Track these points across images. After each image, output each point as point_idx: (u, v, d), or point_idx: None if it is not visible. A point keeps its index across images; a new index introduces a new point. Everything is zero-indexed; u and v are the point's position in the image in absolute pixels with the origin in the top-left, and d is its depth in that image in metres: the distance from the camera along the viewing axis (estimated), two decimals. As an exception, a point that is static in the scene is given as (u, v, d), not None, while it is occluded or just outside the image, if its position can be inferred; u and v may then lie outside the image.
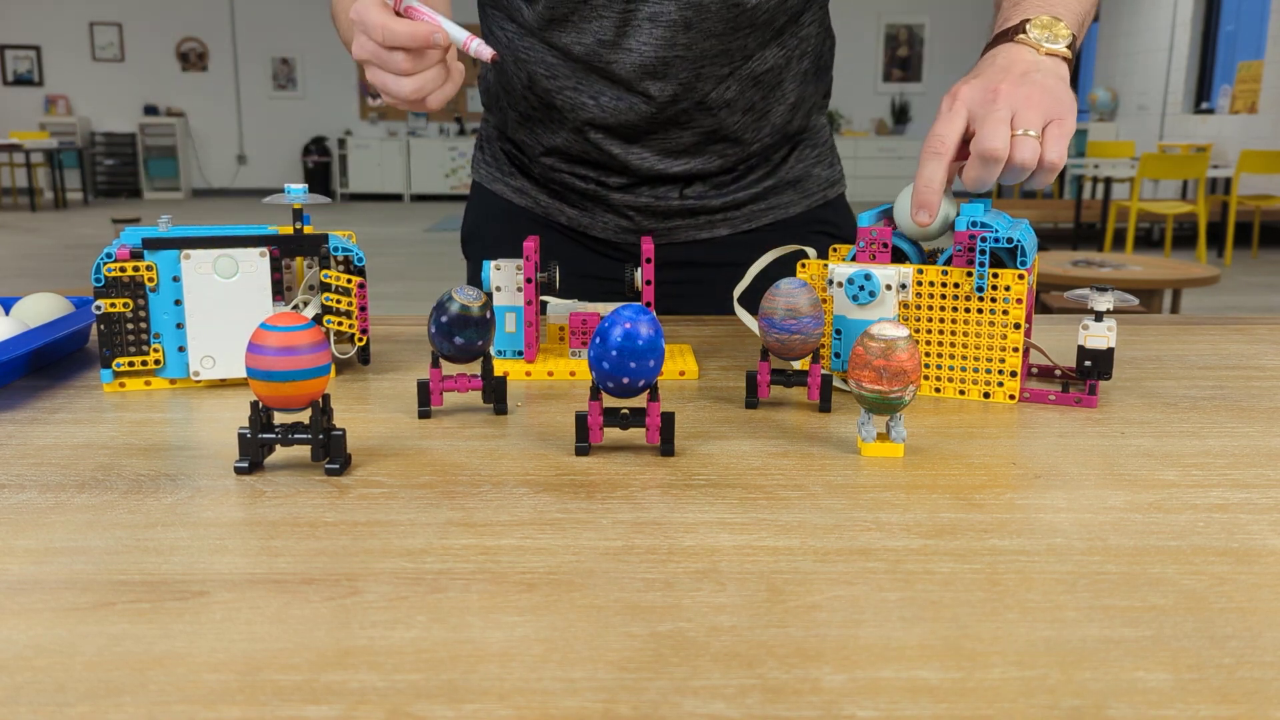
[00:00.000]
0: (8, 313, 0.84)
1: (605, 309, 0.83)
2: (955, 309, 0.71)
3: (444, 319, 0.65)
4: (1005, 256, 0.71)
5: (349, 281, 0.77)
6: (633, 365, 0.57)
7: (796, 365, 0.75)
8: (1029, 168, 0.69)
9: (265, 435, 0.57)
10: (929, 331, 0.72)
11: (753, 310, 1.05)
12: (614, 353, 0.57)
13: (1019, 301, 0.69)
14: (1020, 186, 10.88)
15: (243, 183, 12.41)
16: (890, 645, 0.39)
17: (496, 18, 1.01)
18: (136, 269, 0.72)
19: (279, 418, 0.64)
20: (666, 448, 0.61)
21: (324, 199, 0.80)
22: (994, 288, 0.70)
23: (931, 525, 0.50)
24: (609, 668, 0.38)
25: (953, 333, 0.71)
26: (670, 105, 0.95)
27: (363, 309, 0.78)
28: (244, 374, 0.74)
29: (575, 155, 1.02)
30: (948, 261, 0.72)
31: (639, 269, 0.80)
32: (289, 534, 0.49)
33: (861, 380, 0.59)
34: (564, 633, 0.40)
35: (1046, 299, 3.69)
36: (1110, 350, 0.71)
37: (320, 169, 12.12)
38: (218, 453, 0.61)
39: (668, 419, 0.60)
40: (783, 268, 1.04)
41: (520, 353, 0.80)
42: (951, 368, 0.72)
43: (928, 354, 0.72)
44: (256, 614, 0.41)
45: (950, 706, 0.35)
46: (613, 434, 0.64)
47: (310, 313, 0.78)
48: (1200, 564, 0.46)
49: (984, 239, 0.69)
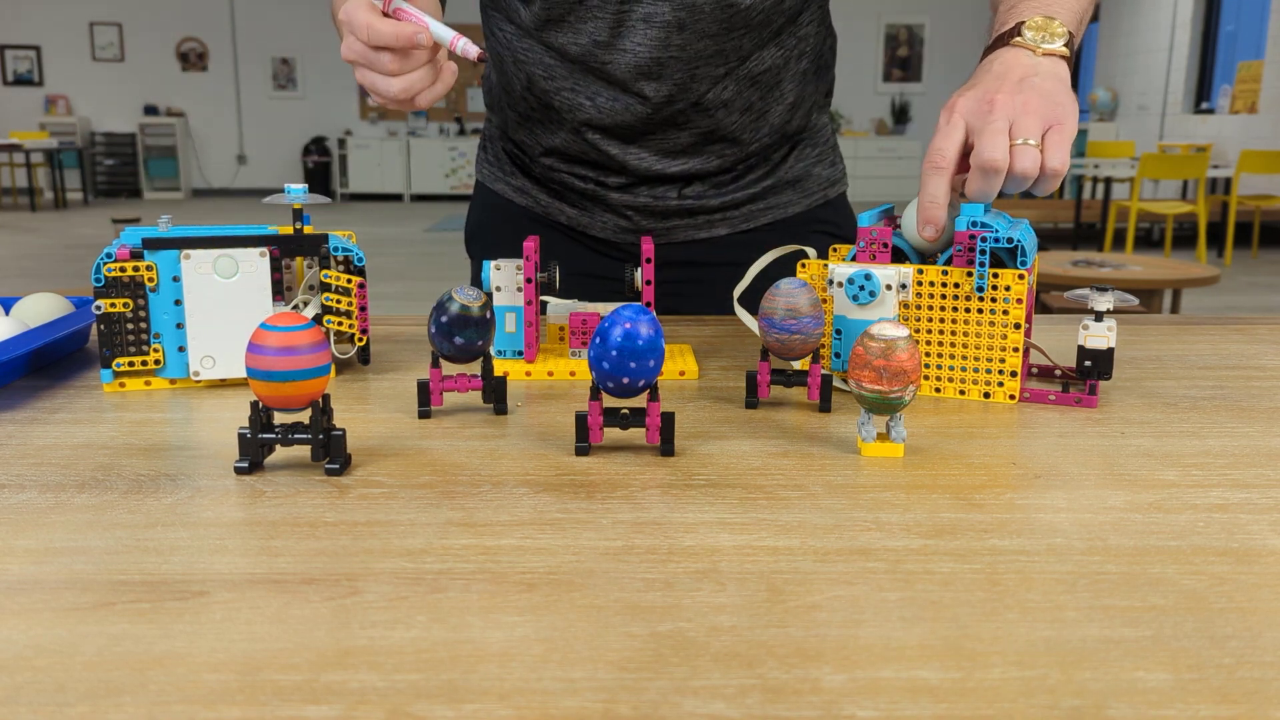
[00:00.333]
0: (8, 313, 0.84)
1: (605, 309, 0.83)
2: (955, 309, 0.71)
3: (444, 319, 0.65)
4: (1005, 256, 0.71)
5: (349, 281, 0.77)
6: (633, 365, 0.57)
7: (796, 365, 0.75)
8: (1030, 176, 0.68)
9: (265, 435, 0.57)
10: (929, 331, 0.72)
11: (753, 310, 1.05)
12: (614, 353, 0.57)
13: (1019, 301, 0.69)
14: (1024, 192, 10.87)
15: (243, 183, 12.41)
16: (890, 645, 0.39)
17: (496, 19, 1.01)
18: (136, 269, 0.72)
19: (279, 418, 0.64)
20: (666, 448, 0.61)
21: (324, 199, 0.80)
22: (994, 288, 0.70)
23: (931, 525, 0.50)
24: (609, 668, 0.38)
25: (953, 333, 0.71)
26: (666, 105, 0.95)
27: (363, 309, 0.78)
28: (244, 374, 0.74)
29: (574, 155, 1.02)
30: (948, 261, 0.72)
31: (639, 269, 0.80)
32: (289, 534, 0.49)
33: (861, 380, 0.59)
34: (564, 633, 0.40)
35: (1046, 299, 3.69)
36: (1110, 350, 0.71)
37: (320, 169, 12.12)
38: (218, 453, 0.61)
39: (668, 419, 0.60)
40: (783, 268, 1.04)
41: (520, 353, 0.80)
42: (951, 368, 0.72)
43: (928, 354, 0.72)
44: (256, 614, 0.41)
45: (950, 706, 0.35)
46: (613, 434, 0.64)
47: (310, 313, 0.78)
48: (1200, 564, 0.46)
49: (984, 239, 0.69)
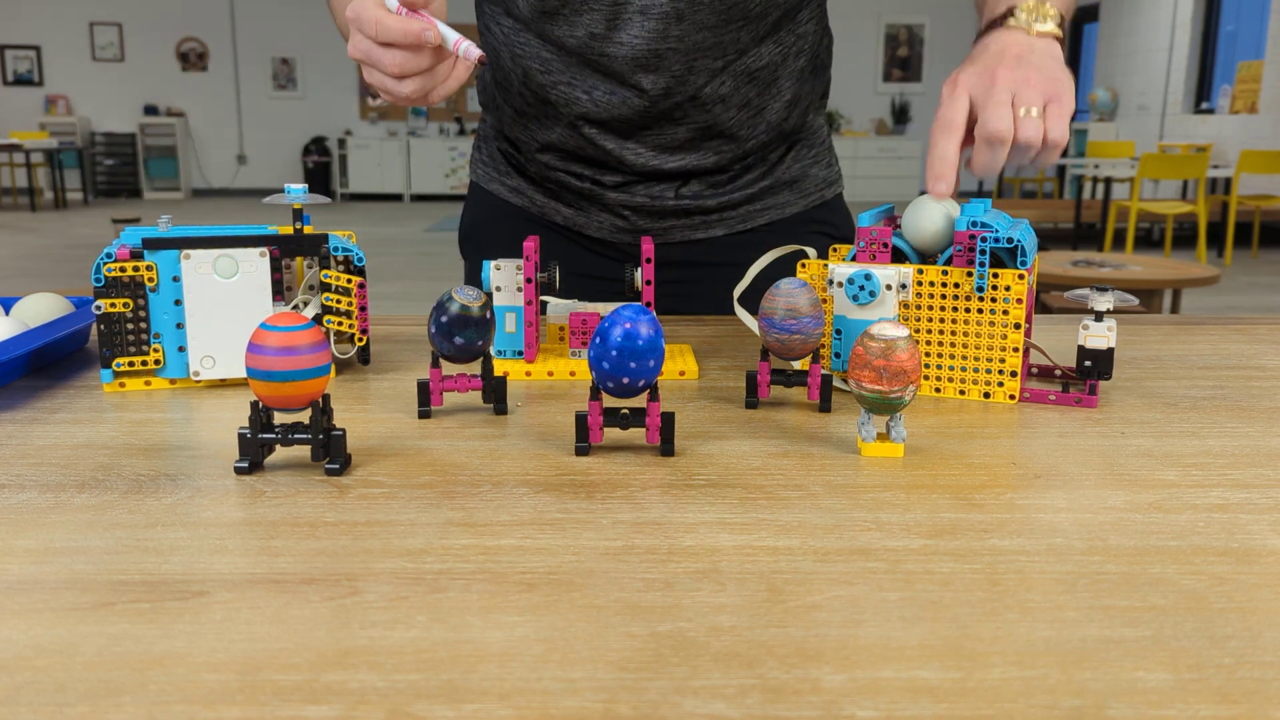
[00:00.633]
0: (8, 313, 0.84)
1: (605, 309, 0.83)
2: (955, 309, 0.71)
3: (444, 319, 0.65)
4: (1005, 256, 0.71)
5: (349, 281, 0.77)
6: (633, 365, 0.57)
7: (796, 365, 0.75)
8: (1034, 145, 0.71)
9: (265, 435, 0.57)
10: (929, 331, 0.72)
11: (753, 310, 1.05)
12: (614, 353, 0.57)
13: (1019, 301, 0.69)
14: (1021, 183, 10.87)
15: (243, 183, 12.41)
16: (890, 645, 0.39)
17: (492, 14, 1.01)
18: (136, 269, 0.72)
19: (279, 418, 0.64)
20: (666, 448, 0.60)
21: (324, 199, 0.80)
22: (994, 288, 0.70)
23: (931, 525, 0.50)
24: (609, 668, 0.38)
25: (953, 333, 0.71)
26: (663, 98, 0.95)
27: (363, 309, 0.78)
28: (244, 374, 0.74)
29: (570, 151, 1.02)
30: (948, 261, 0.72)
31: (639, 269, 0.80)
32: (289, 534, 0.49)
33: (861, 380, 0.59)
34: (564, 633, 0.40)
35: (1046, 299, 3.69)
36: (1110, 350, 0.71)
37: (320, 169, 12.12)
38: (218, 453, 0.61)
39: (668, 419, 0.60)
40: (782, 268, 1.04)
41: (520, 353, 0.80)
42: (951, 368, 0.72)
43: (928, 354, 0.72)
44: (256, 614, 0.41)
45: (950, 706, 0.35)
46: (613, 434, 0.64)
47: (310, 313, 0.78)
48: (1200, 564, 0.46)
49: (984, 239, 0.69)
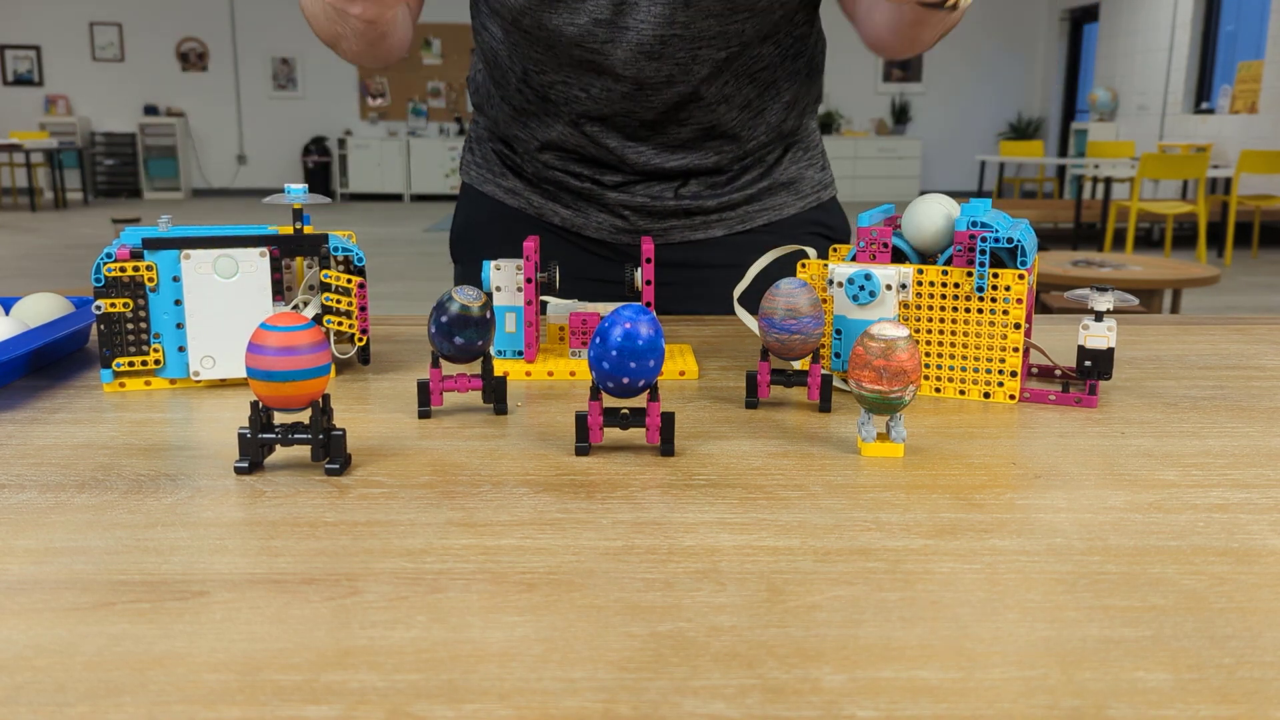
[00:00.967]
0: (8, 313, 0.84)
1: (605, 309, 0.83)
2: (955, 309, 0.71)
3: (444, 319, 0.65)
4: (1005, 256, 0.71)
5: (349, 281, 0.77)
6: (633, 365, 0.57)
7: (796, 365, 0.75)
8: None
9: (265, 435, 0.57)
10: (929, 331, 0.72)
11: (753, 310, 1.05)
12: (614, 353, 0.57)
13: (1019, 301, 0.69)
14: (1021, 183, 10.83)
15: (243, 183, 12.41)
16: (890, 645, 0.39)
17: (485, 15, 1.00)
18: (136, 269, 0.72)
19: (279, 418, 0.64)
20: (666, 448, 0.60)
21: (324, 199, 0.80)
22: (994, 288, 0.70)
23: (931, 525, 0.50)
24: (609, 668, 0.38)
25: (953, 333, 0.71)
26: (665, 87, 0.94)
27: (363, 309, 0.78)
28: (244, 374, 0.74)
29: (571, 150, 1.02)
30: (948, 261, 0.72)
31: (639, 269, 0.80)
32: (289, 534, 0.49)
33: (861, 380, 0.59)
34: (564, 633, 0.40)
35: (1046, 299, 3.69)
36: (1110, 350, 0.71)
37: (320, 169, 12.13)
38: (218, 453, 0.61)
39: (668, 419, 0.60)
40: (782, 268, 1.04)
41: (520, 353, 0.80)
42: (951, 368, 0.72)
43: (928, 354, 0.72)
44: (256, 614, 0.41)
45: (950, 706, 0.35)
46: (613, 434, 0.64)
47: (310, 313, 0.78)
48: (1200, 564, 0.46)
49: (984, 239, 0.69)
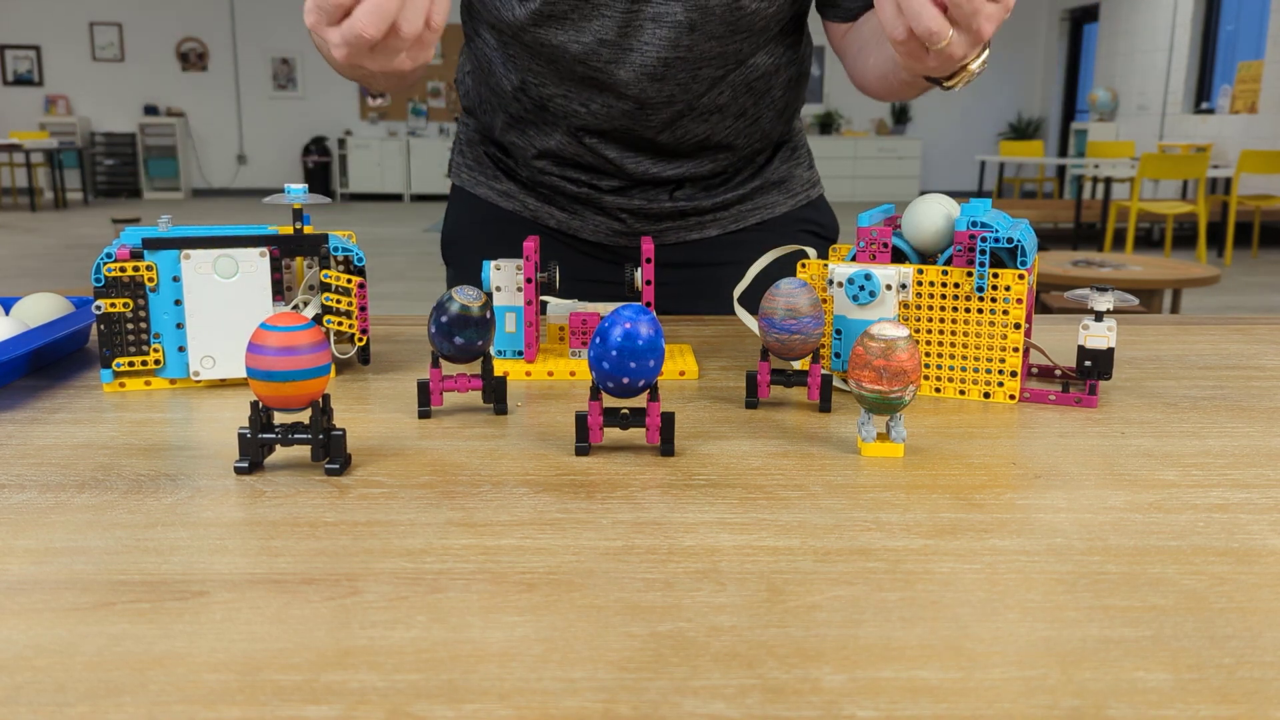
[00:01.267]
0: (8, 313, 0.84)
1: (605, 309, 0.83)
2: (955, 309, 0.71)
3: (444, 319, 0.65)
4: (1005, 256, 0.71)
5: (349, 281, 0.77)
6: (633, 365, 0.57)
7: (796, 365, 0.75)
8: (957, 47, 0.71)
9: (265, 435, 0.57)
10: (929, 331, 0.72)
11: (753, 310, 1.05)
12: (614, 353, 0.57)
13: (1019, 301, 0.69)
14: (1021, 183, 10.84)
15: (243, 183, 12.42)
16: (890, 645, 0.39)
17: (479, 24, 0.99)
18: (136, 269, 0.72)
19: (279, 418, 0.64)
20: (666, 448, 0.60)
21: (324, 199, 0.80)
22: (994, 288, 0.70)
23: (931, 525, 0.50)
24: (609, 668, 0.38)
25: (953, 333, 0.71)
26: (665, 106, 0.95)
27: (363, 309, 0.78)
28: (244, 374, 0.74)
29: (568, 158, 1.02)
30: (948, 261, 0.72)
31: (639, 269, 0.80)
32: (289, 534, 0.49)
33: (861, 380, 0.59)
34: (564, 633, 0.40)
35: (1046, 299, 3.69)
36: (1110, 350, 0.71)
37: (320, 169, 12.13)
38: (218, 453, 0.61)
39: (668, 419, 0.60)
40: (781, 268, 1.05)
41: (520, 353, 0.80)
42: (951, 368, 0.72)
43: (928, 354, 0.72)
44: (256, 614, 0.41)
45: (950, 706, 0.35)
46: (613, 434, 0.64)
47: (310, 313, 0.78)
48: (1200, 564, 0.46)
49: (984, 239, 0.69)
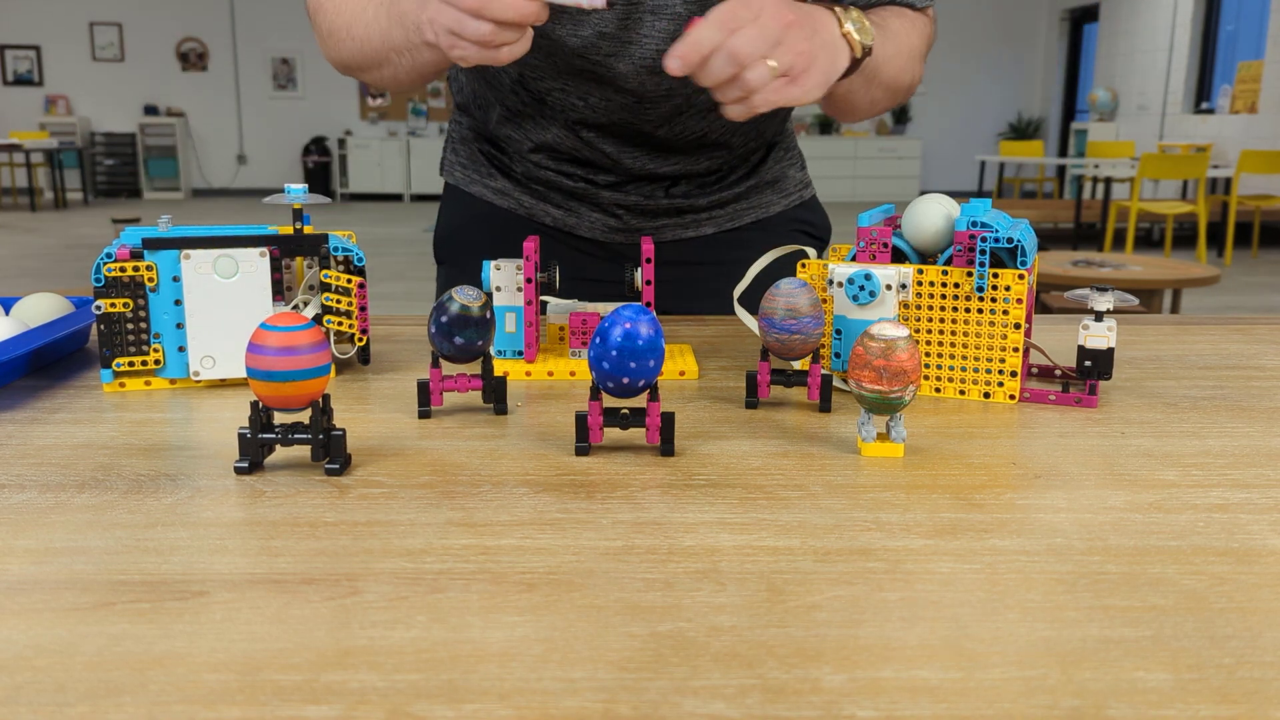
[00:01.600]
0: (8, 313, 0.84)
1: (605, 309, 0.83)
2: (955, 309, 0.71)
3: (444, 319, 0.65)
4: (1005, 256, 0.71)
5: (349, 281, 0.77)
6: (633, 365, 0.57)
7: (796, 365, 0.75)
8: (748, 89, 0.70)
9: (265, 435, 0.57)
10: (929, 331, 0.72)
11: (753, 310, 1.05)
12: (614, 353, 0.57)
13: (1019, 301, 0.69)
14: (1021, 183, 10.84)
15: (243, 183, 12.41)
16: (890, 645, 0.39)
17: None
18: (136, 269, 0.72)
19: (279, 418, 0.64)
20: (666, 448, 0.60)
21: (324, 199, 0.80)
22: (994, 288, 0.70)
23: (931, 525, 0.50)
24: (609, 668, 0.38)
25: (953, 333, 0.71)
26: (664, 100, 0.94)
27: (363, 309, 0.78)
28: (244, 374, 0.74)
29: (565, 152, 1.01)
30: (948, 261, 0.72)
31: (639, 269, 0.80)
32: (289, 534, 0.49)
33: (861, 380, 0.59)
34: (564, 633, 0.40)
35: (1046, 299, 3.69)
36: (1110, 350, 0.71)
37: (320, 169, 12.12)
38: (218, 453, 0.61)
39: (668, 419, 0.60)
40: (780, 268, 1.05)
41: (520, 353, 0.80)
42: (951, 368, 0.72)
43: (928, 354, 0.72)
44: (256, 614, 0.41)
45: (950, 706, 0.35)
46: (613, 434, 0.64)
47: (310, 313, 0.78)
48: (1200, 564, 0.46)
49: (984, 239, 0.69)
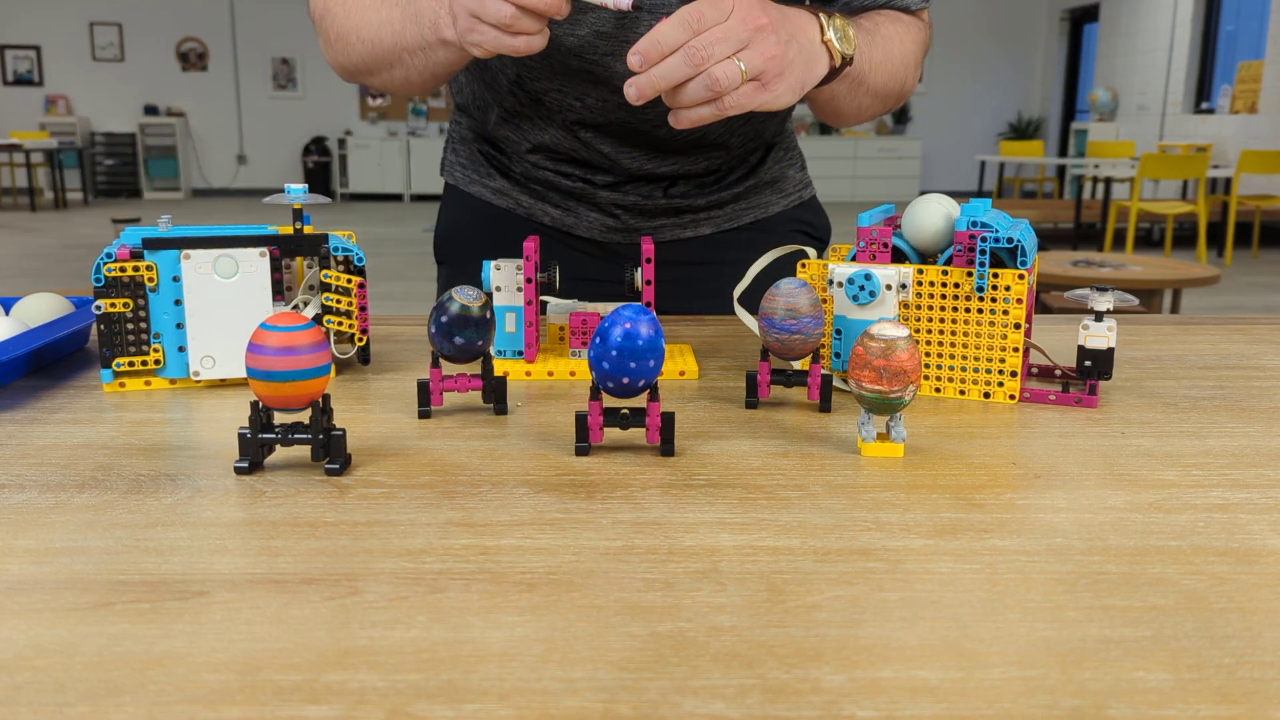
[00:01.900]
0: (8, 313, 0.84)
1: (605, 309, 0.83)
2: (955, 309, 0.71)
3: (444, 319, 0.65)
4: (1005, 256, 0.71)
5: (349, 281, 0.77)
6: (633, 365, 0.57)
7: (796, 365, 0.75)
8: (713, 90, 0.71)
9: (265, 435, 0.57)
10: (929, 331, 0.72)
11: (753, 310, 1.05)
12: (614, 353, 0.57)
13: (1019, 301, 0.69)
14: (1021, 183, 10.85)
15: (243, 183, 12.41)
16: (890, 645, 0.39)
17: None
18: (136, 269, 0.72)
19: (279, 418, 0.64)
20: (666, 448, 0.60)
21: (324, 199, 0.80)
22: (994, 288, 0.70)
23: (931, 525, 0.50)
24: (609, 668, 0.38)
25: (953, 333, 0.71)
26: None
27: (363, 309, 0.78)
28: (244, 374, 0.74)
29: (563, 153, 1.01)
30: (948, 261, 0.72)
31: (639, 269, 0.80)
32: (289, 534, 0.49)
33: (861, 380, 0.59)
34: (564, 633, 0.40)
35: (1046, 299, 3.69)
36: (1110, 350, 0.71)
37: (320, 169, 12.12)
38: (218, 453, 0.61)
39: (668, 419, 0.60)
40: (780, 268, 1.05)
41: (520, 353, 0.80)
42: (951, 368, 0.72)
43: (928, 354, 0.72)
44: (256, 614, 0.41)
45: (950, 706, 0.35)
46: (613, 434, 0.64)
47: (310, 313, 0.78)
48: (1200, 564, 0.46)
49: (984, 239, 0.69)
